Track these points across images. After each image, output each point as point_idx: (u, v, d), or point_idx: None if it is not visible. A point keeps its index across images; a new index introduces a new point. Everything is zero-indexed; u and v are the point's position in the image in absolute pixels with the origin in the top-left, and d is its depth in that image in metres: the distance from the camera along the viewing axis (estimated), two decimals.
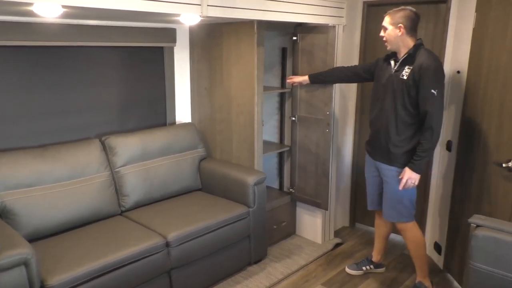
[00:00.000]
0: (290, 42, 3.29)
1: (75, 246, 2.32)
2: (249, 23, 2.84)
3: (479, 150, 2.54)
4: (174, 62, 3.27)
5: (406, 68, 2.44)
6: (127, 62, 3.03)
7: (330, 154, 3.14)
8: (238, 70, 3.02)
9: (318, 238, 3.45)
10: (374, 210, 2.92)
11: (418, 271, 2.76)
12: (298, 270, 3.08)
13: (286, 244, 3.44)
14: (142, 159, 2.91)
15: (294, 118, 3.30)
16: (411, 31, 2.44)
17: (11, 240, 1.99)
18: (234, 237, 2.84)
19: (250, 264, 3.06)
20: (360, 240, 3.57)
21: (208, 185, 3.19)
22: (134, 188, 2.83)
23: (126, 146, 2.86)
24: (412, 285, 2.85)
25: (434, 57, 2.42)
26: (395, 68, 2.51)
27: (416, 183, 2.49)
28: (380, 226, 2.97)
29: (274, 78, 3.51)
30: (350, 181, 3.72)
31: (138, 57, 3.08)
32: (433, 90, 2.34)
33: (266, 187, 3.06)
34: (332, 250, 3.39)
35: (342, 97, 3.40)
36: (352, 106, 3.57)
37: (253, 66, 2.90)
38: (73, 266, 2.10)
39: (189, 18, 2.43)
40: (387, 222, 2.90)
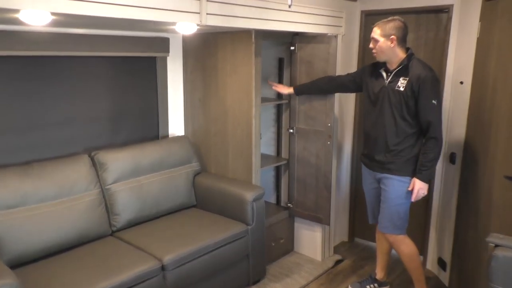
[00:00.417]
0: (287, 52, 3.19)
1: (64, 272, 2.15)
2: (246, 32, 2.73)
3: (487, 163, 2.46)
4: (167, 73, 3.13)
5: (401, 79, 2.42)
6: (118, 72, 2.88)
7: (331, 166, 3.04)
8: (234, 81, 2.89)
9: (318, 255, 3.32)
10: (374, 224, 2.84)
11: (416, 283, 2.71)
12: None
13: (285, 262, 3.30)
14: (134, 175, 2.75)
15: (292, 130, 3.19)
16: (402, 42, 2.43)
17: None
18: (233, 257, 2.70)
19: (248, 285, 2.91)
20: (360, 255, 3.45)
21: (203, 201, 3.04)
22: (126, 206, 2.67)
23: (117, 161, 2.69)
24: None
25: (429, 67, 2.43)
26: (389, 79, 2.47)
27: (425, 193, 2.49)
28: (381, 240, 2.87)
29: (270, 89, 3.39)
30: (348, 194, 3.62)
31: (130, 67, 2.94)
32: (434, 101, 2.37)
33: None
34: (332, 267, 3.26)
35: (340, 108, 3.30)
36: (350, 117, 3.48)
37: (250, 76, 2.78)
38: None
39: (185, 27, 2.30)
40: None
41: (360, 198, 3.57)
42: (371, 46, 2.48)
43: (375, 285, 2.93)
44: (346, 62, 3.29)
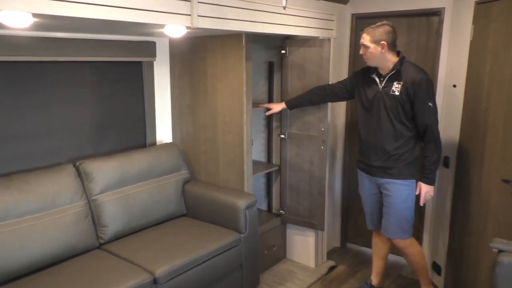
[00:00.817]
0: (277, 56, 3.13)
1: None
2: (236, 36, 2.66)
3: (483, 167, 2.44)
4: (154, 78, 3.02)
5: (395, 83, 2.41)
6: (103, 78, 2.77)
7: (325, 172, 2.98)
8: (224, 86, 2.81)
9: (311, 262, 3.26)
10: (370, 230, 2.81)
11: (422, 280, 2.72)
12: None
13: (278, 269, 3.22)
14: (121, 185, 2.63)
15: (283, 136, 3.12)
16: (392, 46, 2.41)
17: None
18: (226, 266, 2.60)
19: None
20: (354, 261, 3.41)
21: (194, 210, 2.94)
22: (114, 217, 2.55)
23: (104, 171, 2.57)
24: None
25: (422, 69, 2.42)
26: (383, 84, 2.45)
27: (432, 195, 2.52)
28: (379, 245, 2.83)
29: (260, 94, 3.33)
30: (340, 199, 3.57)
31: (115, 73, 2.82)
32: (430, 103, 2.39)
33: None
34: (326, 274, 3.20)
35: (332, 113, 3.25)
36: (341, 123, 3.44)
37: (241, 81, 2.70)
38: None
39: (174, 30, 2.21)
40: (386, 241, 2.79)
41: (352, 203, 3.53)
42: (361, 52, 2.45)
43: None
44: (337, 66, 3.25)
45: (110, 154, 2.75)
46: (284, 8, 2.23)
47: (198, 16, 2.07)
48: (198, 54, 2.91)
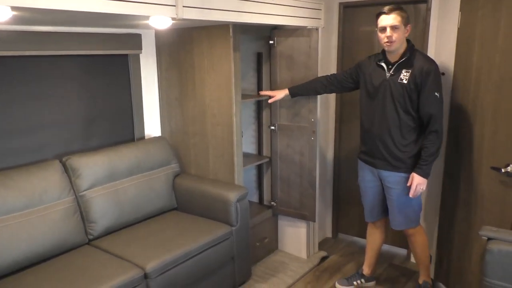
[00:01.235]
0: (266, 46, 3.09)
1: (39, 286, 2.00)
2: (224, 27, 2.62)
3: (472, 155, 2.44)
4: (141, 71, 2.98)
5: (403, 71, 2.34)
6: (88, 72, 2.72)
7: (316, 163, 2.97)
8: (212, 78, 2.78)
9: (303, 253, 3.26)
10: (362, 220, 2.80)
11: (423, 271, 2.72)
12: None
13: (270, 261, 3.22)
14: (110, 180, 2.60)
15: (273, 127, 3.10)
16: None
17: None
18: (218, 260, 2.59)
19: (234, 287, 2.82)
20: (345, 251, 3.42)
21: (184, 203, 2.92)
22: (103, 213, 2.52)
23: (91, 166, 2.54)
24: (417, 285, 2.77)
25: (431, 59, 2.37)
26: (391, 72, 2.39)
27: (424, 189, 2.42)
28: (374, 237, 2.82)
29: (249, 85, 3.30)
30: (332, 190, 3.57)
31: (100, 66, 2.77)
32: (436, 93, 2.31)
33: None
34: (318, 264, 3.21)
35: (322, 104, 3.23)
36: (332, 113, 3.43)
37: (229, 73, 2.67)
38: None
39: (159, 22, 2.16)
40: (381, 234, 2.79)
41: (344, 194, 3.54)
42: (389, 34, 2.28)
43: (362, 280, 2.89)
44: (325, 56, 3.23)
45: (98, 149, 2.72)
46: None
47: (183, 6, 2.03)
48: (185, 46, 2.87)
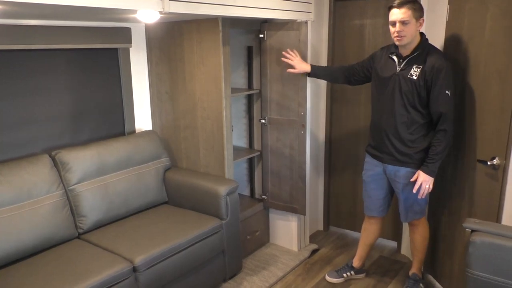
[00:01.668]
0: (256, 40, 3.09)
1: (28, 279, 2.01)
2: (212, 21, 2.61)
3: (459, 148, 2.46)
4: (131, 65, 2.97)
5: (414, 67, 2.30)
6: (77, 66, 2.71)
7: (306, 156, 2.98)
8: (202, 72, 2.78)
9: (294, 245, 3.29)
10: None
11: (416, 264, 2.73)
12: (276, 282, 2.90)
13: (261, 254, 3.24)
14: (99, 174, 2.61)
15: (264, 121, 3.11)
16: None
17: None
18: (208, 253, 2.61)
19: (225, 280, 2.84)
20: (336, 244, 3.44)
21: (175, 197, 2.93)
22: (93, 207, 2.53)
23: (81, 160, 2.54)
24: (407, 276, 2.79)
25: (444, 55, 2.32)
26: (401, 66, 2.36)
27: (431, 187, 2.37)
28: (368, 232, 2.82)
29: (240, 79, 3.31)
30: (323, 183, 3.59)
31: (90, 60, 2.77)
32: (447, 91, 2.25)
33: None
34: (309, 257, 3.23)
35: (313, 97, 3.23)
36: (323, 106, 3.43)
37: (219, 67, 2.67)
38: None
39: (147, 15, 2.16)
40: (376, 230, 2.79)
41: (335, 187, 3.55)
42: (398, 29, 2.24)
43: (352, 272, 2.92)
44: (316, 50, 3.23)
45: (88, 143, 2.72)
46: None
47: (170, 0, 2.02)
48: (175, 39, 2.87)
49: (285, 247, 3.32)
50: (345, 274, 2.91)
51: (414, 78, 2.30)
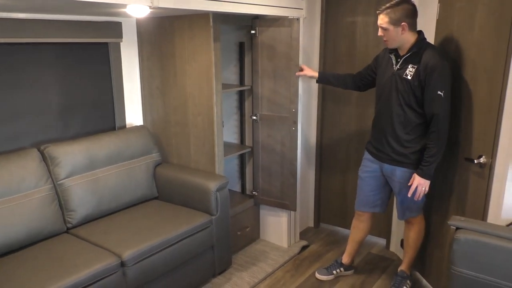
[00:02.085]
0: (248, 36, 3.09)
1: (15, 273, 2.01)
2: (204, 16, 2.61)
3: (448, 146, 2.47)
4: (121, 60, 2.96)
5: (409, 66, 2.31)
6: (67, 60, 2.70)
7: (297, 153, 2.99)
8: (193, 68, 2.78)
9: (284, 242, 3.30)
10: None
11: (406, 261, 2.73)
12: (265, 278, 2.91)
13: (251, 250, 3.25)
14: (89, 169, 2.61)
15: (255, 117, 3.11)
16: (413, 26, 2.31)
17: None
18: (197, 248, 2.62)
19: (214, 275, 2.85)
20: (326, 241, 3.46)
21: (165, 193, 2.94)
22: (82, 201, 2.53)
23: (70, 155, 2.54)
24: (395, 273, 2.81)
25: (440, 54, 2.27)
26: (398, 66, 2.37)
27: (427, 190, 2.37)
28: (358, 230, 2.83)
29: (231, 75, 3.30)
30: (314, 180, 3.60)
31: (80, 54, 2.75)
32: (439, 92, 2.22)
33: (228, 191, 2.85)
34: (298, 253, 3.25)
35: (304, 93, 3.24)
36: (314, 103, 3.43)
37: (210, 63, 2.67)
38: None
39: (136, 10, 2.16)
40: (366, 228, 2.80)
41: (326, 184, 3.57)
42: (380, 34, 2.33)
43: (341, 269, 2.93)
44: (307, 47, 3.23)
45: (78, 137, 2.72)
46: None
47: None
48: (166, 35, 2.86)
49: (275, 243, 3.34)
50: (335, 271, 2.92)
51: (409, 78, 2.31)
